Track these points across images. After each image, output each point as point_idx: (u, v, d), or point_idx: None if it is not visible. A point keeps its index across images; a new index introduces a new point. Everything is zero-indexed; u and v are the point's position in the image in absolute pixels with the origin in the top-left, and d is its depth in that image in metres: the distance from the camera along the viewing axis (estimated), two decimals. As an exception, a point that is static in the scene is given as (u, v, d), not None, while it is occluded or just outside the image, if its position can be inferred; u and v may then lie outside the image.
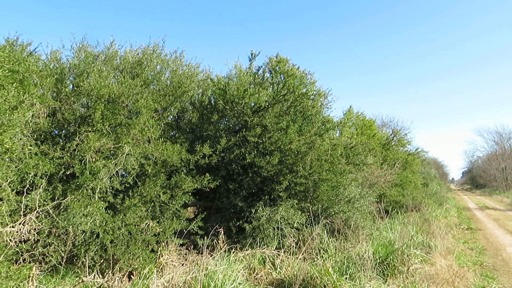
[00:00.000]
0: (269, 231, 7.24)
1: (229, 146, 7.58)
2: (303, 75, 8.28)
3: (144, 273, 5.78)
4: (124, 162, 5.99)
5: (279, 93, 7.87)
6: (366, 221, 8.68)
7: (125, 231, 6.01)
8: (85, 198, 5.56)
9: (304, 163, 7.66)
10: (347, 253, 6.77)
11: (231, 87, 7.67)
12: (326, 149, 7.95)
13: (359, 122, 14.69)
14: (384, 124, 19.89)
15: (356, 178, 9.30)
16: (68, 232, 5.37)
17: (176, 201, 6.77)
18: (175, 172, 7.07)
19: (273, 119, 7.79)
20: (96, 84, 6.24)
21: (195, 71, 8.80)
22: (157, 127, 6.91)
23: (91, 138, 5.83)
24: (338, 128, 9.24)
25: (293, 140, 7.47)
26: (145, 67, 7.75)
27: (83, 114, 6.50)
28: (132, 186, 6.35)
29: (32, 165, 5.15)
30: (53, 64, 7.26)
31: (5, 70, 3.99)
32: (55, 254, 5.30)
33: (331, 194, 8.16)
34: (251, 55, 8.46)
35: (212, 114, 8.02)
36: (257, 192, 8.06)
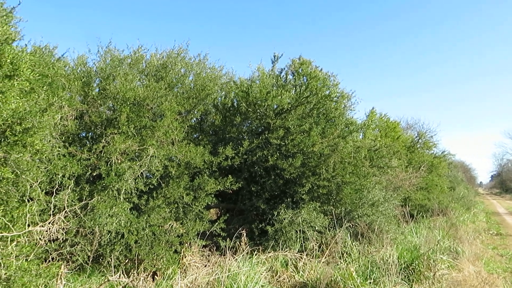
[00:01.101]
0: (291, 233, 7.21)
1: (251, 148, 7.60)
2: (326, 77, 8.21)
3: (167, 273, 5.85)
4: (149, 163, 6.08)
5: (302, 95, 7.84)
6: (390, 225, 8.53)
7: (149, 232, 6.10)
8: (111, 199, 5.68)
9: (327, 166, 7.60)
10: (371, 257, 6.66)
11: (253, 90, 7.69)
12: (350, 151, 7.85)
13: (382, 124, 14.44)
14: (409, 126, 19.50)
15: (380, 181, 9.15)
16: (94, 232, 5.50)
17: (199, 202, 6.82)
18: (198, 174, 7.14)
19: (296, 121, 7.75)
20: (122, 87, 6.37)
21: (218, 74, 8.87)
22: (181, 129, 7.00)
23: (116, 140, 5.96)
24: (361, 130, 9.11)
25: (316, 142, 7.42)
26: (170, 70, 7.86)
27: (109, 116, 6.65)
28: (156, 188, 6.45)
29: (61, 166, 5.31)
30: (80, 68, 7.46)
31: (36, 74, 4.12)
32: (82, 253, 5.43)
33: (355, 197, 8.05)
34: (274, 58, 8.46)
35: (235, 116, 8.05)
36: (279, 195, 8.04)
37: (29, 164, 3.83)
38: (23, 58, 3.84)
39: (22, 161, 3.73)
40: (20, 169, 3.71)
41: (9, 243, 3.13)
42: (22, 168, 3.74)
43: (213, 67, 9.01)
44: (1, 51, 3.58)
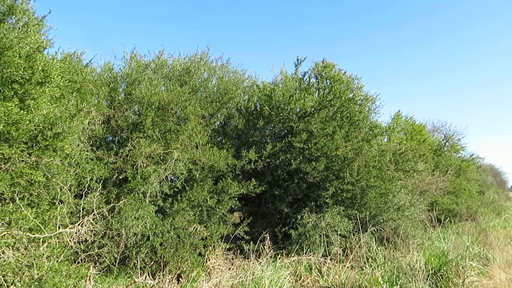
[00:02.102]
0: (315, 237, 7.15)
1: (274, 151, 7.59)
2: (349, 80, 8.13)
3: (192, 276, 5.90)
4: (173, 167, 6.17)
5: (325, 98, 7.78)
6: (417, 229, 8.34)
7: (174, 235, 6.17)
8: (137, 201, 5.79)
9: (351, 170, 7.51)
10: (397, 262, 6.53)
11: (276, 93, 7.69)
12: (374, 155, 7.74)
13: (408, 127, 14.15)
14: (436, 129, 18.97)
15: (405, 185, 8.96)
16: (120, 234, 5.61)
17: (223, 205, 6.87)
18: (221, 177, 7.18)
19: (319, 124, 7.70)
20: (147, 92, 6.49)
21: (241, 78, 8.92)
22: (205, 133, 7.07)
23: (142, 144, 6.07)
24: (386, 134, 8.95)
25: (339, 146, 7.35)
26: (193, 74, 7.95)
27: (134, 121, 6.79)
28: (180, 191, 6.53)
29: (88, 170, 5.45)
30: (107, 74, 7.65)
31: (66, 80, 4.25)
32: (109, 255, 5.55)
33: (380, 201, 7.92)
34: (297, 61, 8.43)
35: (258, 120, 8.07)
36: (302, 198, 8.00)
37: (59, 168, 3.95)
38: (53, 66, 3.98)
39: (53, 165, 3.85)
40: (51, 172, 3.83)
41: (41, 245, 3.24)
42: (52, 172, 3.86)
43: (236, 71, 9.07)
44: (33, 59, 3.71)
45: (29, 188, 3.58)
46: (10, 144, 3.48)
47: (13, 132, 3.36)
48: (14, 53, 3.53)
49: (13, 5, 4.71)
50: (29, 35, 4.20)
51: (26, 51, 3.75)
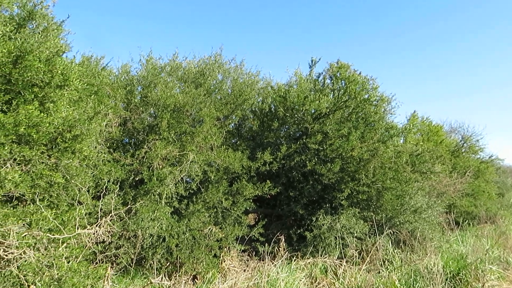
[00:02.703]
0: (330, 240, 7.10)
1: (289, 153, 7.58)
2: (365, 80, 8.05)
3: (207, 277, 5.93)
4: (189, 169, 6.21)
5: (340, 99, 7.74)
6: (434, 232, 8.20)
7: (189, 236, 6.22)
8: (153, 203, 5.85)
9: (367, 171, 7.44)
10: (414, 266, 6.44)
11: (291, 94, 7.68)
12: (390, 156, 7.65)
13: (424, 128, 13.95)
14: (453, 130, 18.60)
15: (422, 187, 8.83)
16: (137, 235, 5.67)
17: (238, 207, 6.88)
18: (236, 179, 7.20)
19: (334, 125, 7.66)
20: (163, 94, 6.56)
21: (255, 79, 8.93)
22: (219, 134, 7.10)
23: (158, 146, 6.14)
24: (402, 135, 8.84)
25: (355, 147, 7.29)
26: (208, 76, 8.00)
27: (150, 123, 6.86)
28: (196, 192, 6.57)
29: (106, 172, 5.53)
30: (124, 76, 7.76)
31: (84, 84, 4.32)
32: (125, 256, 5.62)
33: (396, 203, 7.82)
34: (311, 62, 8.40)
35: (273, 121, 8.06)
36: (317, 200, 7.96)
37: (78, 169, 4.02)
38: (72, 69, 4.05)
39: (72, 167, 3.92)
40: (70, 174, 3.90)
41: (60, 245, 3.30)
42: (71, 174, 3.93)
43: (250, 73, 9.09)
44: (52, 63, 3.79)
45: (49, 189, 3.66)
46: (31, 146, 3.55)
47: (34, 134, 3.43)
48: (34, 57, 3.61)
49: (33, 10, 4.82)
50: (48, 39, 4.29)
51: (45, 55, 3.83)
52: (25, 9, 4.81)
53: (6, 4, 4.03)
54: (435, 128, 14.54)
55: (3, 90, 3.66)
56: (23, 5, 4.82)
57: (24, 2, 4.83)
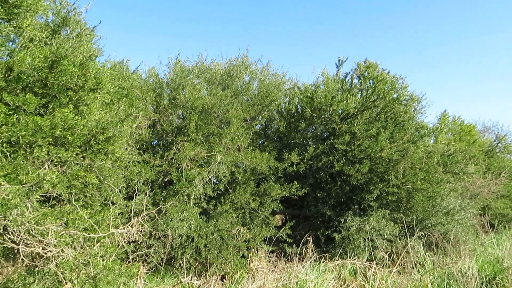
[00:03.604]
0: (359, 241, 7.00)
1: (316, 154, 7.52)
2: (394, 79, 7.89)
3: (235, 277, 5.95)
4: (216, 170, 6.26)
5: (368, 99, 7.62)
6: (468, 235, 7.95)
7: (218, 236, 6.27)
8: (182, 203, 5.93)
9: (397, 172, 7.29)
10: (447, 269, 6.25)
11: (318, 95, 7.62)
12: (421, 156, 7.46)
13: (456, 127, 13.55)
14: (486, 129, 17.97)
15: (455, 188, 8.57)
16: (166, 235, 5.77)
17: (265, 208, 6.89)
18: (263, 179, 7.21)
19: (363, 126, 7.55)
20: (191, 97, 6.65)
21: (282, 80, 8.94)
22: (246, 136, 7.13)
23: (186, 147, 6.23)
24: (433, 135, 8.61)
25: (384, 147, 7.16)
26: (235, 78, 8.06)
27: (179, 125, 6.97)
28: (223, 193, 6.62)
29: (136, 173, 5.65)
30: (152, 79, 7.92)
31: (116, 87, 4.44)
32: (156, 255, 5.72)
33: (427, 204, 7.61)
34: (339, 62, 8.32)
35: (299, 122, 8.03)
36: (346, 201, 7.86)
37: (111, 170, 4.13)
38: (104, 73, 4.17)
39: (105, 168, 4.03)
40: (103, 175, 4.01)
41: (95, 244, 3.40)
42: (104, 174, 4.04)
43: (276, 73, 9.11)
44: (86, 67, 3.91)
45: (84, 189, 3.77)
46: (66, 148, 3.68)
47: (69, 136, 3.55)
48: (69, 62, 3.73)
49: (67, 16, 4.99)
50: (82, 44, 4.44)
51: (79, 60, 3.95)
52: (59, 15, 4.99)
53: (42, 11, 4.17)
54: (467, 127, 14.11)
55: (40, 94, 3.80)
56: (57, 11, 5.00)
57: (58, 9, 5.02)
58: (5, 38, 3.94)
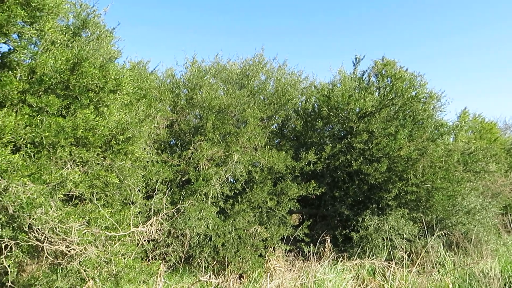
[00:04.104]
0: (377, 241, 6.93)
1: (334, 153, 7.48)
2: (412, 77, 7.77)
3: (253, 276, 5.97)
4: (234, 169, 6.29)
5: (386, 97, 7.53)
6: (489, 235, 7.77)
7: (235, 235, 6.30)
8: (199, 202, 5.98)
9: (416, 171, 7.18)
10: (469, 269, 6.14)
11: (335, 93, 7.57)
12: (440, 155, 7.34)
13: (476, 125, 13.28)
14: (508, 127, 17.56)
15: (476, 187, 8.39)
16: (184, 234, 5.83)
17: (282, 207, 6.89)
18: (280, 179, 7.21)
19: (381, 124, 7.46)
20: (208, 96, 6.69)
21: (298, 79, 8.91)
22: (263, 135, 7.14)
23: (204, 147, 6.27)
24: (453, 133, 8.45)
25: (402, 146, 7.07)
26: (251, 77, 8.08)
27: (196, 124, 7.03)
28: (240, 192, 6.64)
29: (154, 172, 5.73)
30: (169, 80, 8.00)
31: (135, 88, 4.50)
32: (174, 254, 5.79)
33: (447, 204, 7.48)
34: (355, 60, 8.24)
35: (316, 121, 7.99)
36: (363, 200, 7.78)
37: (130, 170, 4.19)
38: (124, 74, 4.24)
39: (124, 168, 4.09)
40: (123, 175, 4.08)
41: (116, 242, 3.46)
42: (124, 174, 4.11)
43: (293, 73, 9.08)
44: (106, 68, 3.98)
45: (105, 189, 3.85)
46: (87, 148, 3.75)
47: (90, 137, 3.62)
48: (89, 64, 3.80)
49: (87, 19, 5.09)
50: (102, 46, 4.52)
51: (100, 62, 4.02)
52: (79, 18, 5.09)
53: (63, 14, 4.26)
54: (488, 125, 13.81)
55: (62, 96, 3.88)
56: (77, 14, 5.10)
57: (78, 12, 5.12)
58: (27, 41, 4.04)
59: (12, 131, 3.10)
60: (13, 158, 2.90)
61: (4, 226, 2.99)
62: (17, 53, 3.83)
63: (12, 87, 3.38)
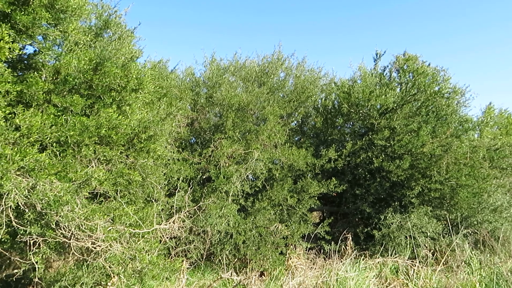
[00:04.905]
0: (400, 239, 6.82)
1: (355, 150, 7.39)
2: (435, 72, 7.59)
3: (274, 274, 5.97)
4: (254, 166, 6.30)
5: (408, 93, 7.39)
6: (517, 233, 7.56)
7: (256, 233, 6.30)
8: (220, 200, 6.01)
9: (439, 167, 7.03)
10: (496, 268, 5.97)
11: (355, 90, 7.47)
12: (465, 151, 7.15)
13: (503, 120, 12.88)
14: (535, 121, 16.99)
15: (503, 184, 8.15)
16: (205, 232, 5.87)
17: (303, 205, 6.85)
18: (301, 176, 7.17)
19: (402, 120, 7.33)
20: (227, 94, 6.71)
21: (317, 76, 8.83)
22: (283, 132, 7.11)
23: (224, 145, 6.30)
24: (478, 128, 8.23)
25: (425, 142, 6.93)
26: (270, 75, 8.05)
27: (216, 122, 7.06)
28: (261, 190, 6.64)
29: (176, 170, 5.78)
30: (189, 78, 8.05)
31: (156, 87, 4.55)
32: (196, 251, 5.83)
33: (472, 201, 7.29)
34: (376, 55, 8.11)
35: (336, 118, 7.92)
36: (385, 198, 7.67)
37: (152, 168, 4.24)
38: (145, 73, 4.28)
39: (147, 166, 4.14)
40: (145, 173, 4.13)
41: (140, 239, 3.51)
42: (147, 172, 4.16)
43: (312, 69, 9.00)
44: (128, 68, 4.03)
45: (128, 187, 3.90)
46: (111, 147, 3.81)
47: (113, 136, 3.68)
48: (112, 64, 3.86)
49: (108, 19, 5.16)
50: (123, 46, 4.58)
51: (122, 61, 4.08)
52: (101, 19, 5.17)
53: (86, 15, 4.33)
54: (515, 120, 13.38)
55: (85, 95, 3.95)
56: (99, 15, 5.18)
57: (100, 13, 5.20)
58: (52, 42, 4.13)
59: (39, 130, 3.17)
60: (40, 156, 2.97)
61: (32, 223, 3.07)
62: (42, 55, 3.92)
63: (38, 88, 3.46)
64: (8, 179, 2.73)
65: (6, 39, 3.00)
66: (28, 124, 3.10)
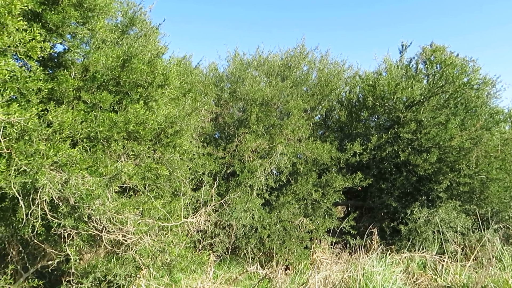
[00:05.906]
0: (427, 234, 6.70)
1: (380, 143, 7.28)
2: (464, 62, 7.35)
3: (299, 268, 5.97)
4: (278, 161, 6.29)
5: (436, 84, 7.21)
6: (553, 229, 7.30)
7: (280, 227, 6.32)
8: (245, 194, 6.04)
9: (468, 161, 6.85)
10: (529, 265, 5.80)
11: (381, 82, 7.34)
12: (496, 144, 6.94)
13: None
14: None
15: (536, 177, 7.88)
16: (231, 225, 5.92)
17: (327, 199, 6.82)
18: (325, 170, 7.13)
19: (430, 113, 7.17)
20: (251, 89, 6.72)
21: (341, 69, 8.72)
22: (307, 126, 7.07)
23: (248, 139, 6.31)
24: (509, 120, 7.95)
25: (454, 135, 6.75)
26: (293, 69, 8.01)
27: (240, 117, 7.08)
28: (285, 184, 6.64)
29: (201, 165, 5.84)
30: (212, 73, 8.11)
31: (181, 82, 4.60)
32: (221, 245, 5.90)
33: (504, 195, 7.08)
34: (402, 47, 7.92)
35: (361, 111, 7.81)
36: (412, 192, 7.54)
37: (179, 162, 4.30)
38: (170, 69, 4.33)
39: (173, 160, 4.20)
40: (172, 167, 4.19)
41: (168, 232, 3.58)
42: (173, 167, 4.22)
43: (336, 62, 8.88)
44: (154, 64, 4.08)
45: (156, 181, 3.98)
46: (139, 142, 3.88)
47: (141, 131, 3.75)
48: (138, 60, 3.92)
49: (134, 17, 5.24)
50: (149, 43, 4.64)
51: (148, 58, 4.14)
52: (127, 16, 5.25)
53: (112, 13, 4.41)
54: (548, 111, 12.88)
55: (114, 92, 4.03)
56: (124, 12, 5.27)
57: (125, 10, 5.29)
58: (80, 40, 4.23)
59: (70, 126, 3.26)
60: (72, 152, 3.05)
61: (66, 216, 3.17)
62: (71, 53, 4.02)
63: (68, 85, 3.55)
64: (43, 173, 2.82)
65: (38, 38, 3.08)
66: (60, 120, 3.19)
